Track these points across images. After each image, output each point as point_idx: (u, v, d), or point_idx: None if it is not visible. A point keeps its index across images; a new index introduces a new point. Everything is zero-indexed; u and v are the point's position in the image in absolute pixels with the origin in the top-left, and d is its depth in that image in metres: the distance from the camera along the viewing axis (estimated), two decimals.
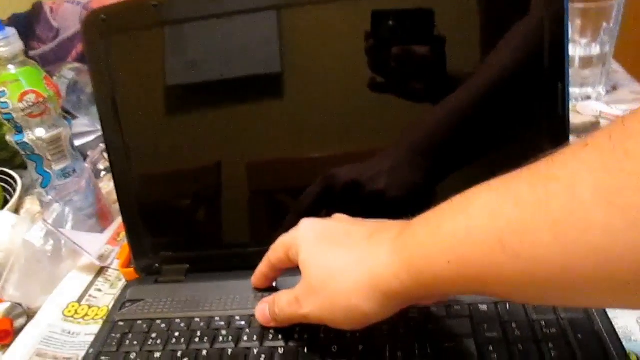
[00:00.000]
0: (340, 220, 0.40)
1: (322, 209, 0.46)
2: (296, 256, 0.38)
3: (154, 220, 0.51)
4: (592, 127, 0.66)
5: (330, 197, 0.47)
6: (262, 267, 0.43)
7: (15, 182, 0.70)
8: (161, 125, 0.49)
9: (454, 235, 0.28)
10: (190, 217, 0.52)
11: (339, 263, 0.34)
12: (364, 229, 0.36)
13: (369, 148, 0.46)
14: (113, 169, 0.50)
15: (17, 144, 0.55)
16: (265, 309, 0.41)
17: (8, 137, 0.56)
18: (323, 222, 0.39)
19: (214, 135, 0.49)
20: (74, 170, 0.59)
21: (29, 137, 0.55)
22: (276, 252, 0.41)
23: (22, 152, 0.57)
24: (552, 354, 0.36)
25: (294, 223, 0.40)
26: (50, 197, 0.57)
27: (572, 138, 0.52)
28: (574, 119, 0.68)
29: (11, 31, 0.53)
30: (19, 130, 0.55)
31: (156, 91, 0.49)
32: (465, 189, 0.30)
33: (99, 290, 0.54)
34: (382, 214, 0.39)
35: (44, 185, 0.58)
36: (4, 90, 0.52)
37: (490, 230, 0.26)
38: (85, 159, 0.67)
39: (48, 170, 0.57)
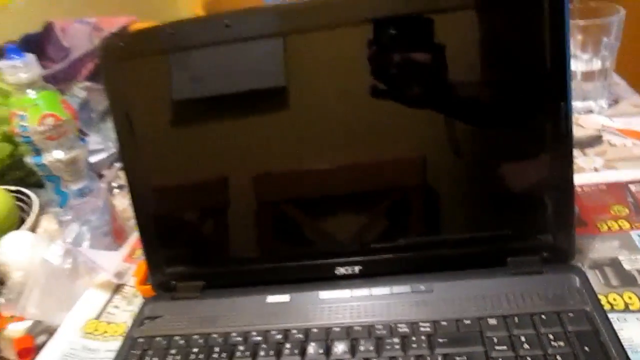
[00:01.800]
0: None
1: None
2: None
3: (170, 238, 0.52)
4: (595, 140, 0.67)
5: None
6: None
7: (31, 200, 0.71)
8: (174, 143, 0.51)
9: None
10: (204, 234, 0.53)
11: None
12: None
13: (374, 157, 0.48)
14: (130, 187, 0.51)
15: (36, 165, 0.57)
16: None
17: (27, 159, 0.58)
18: None
19: (225, 151, 0.50)
20: (90, 190, 0.60)
21: (47, 159, 0.57)
22: None
23: (40, 173, 0.58)
24: None
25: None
26: (68, 216, 0.59)
27: (575, 151, 0.53)
28: (577, 132, 0.69)
29: (30, 57, 0.55)
30: (38, 152, 0.57)
31: (169, 111, 0.50)
32: None
33: (116, 307, 0.56)
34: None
35: (61, 205, 0.59)
36: (24, 115, 0.54)
37: None
38: (99, 177, 0.68)
39: (65, 190, 0.59)
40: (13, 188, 0.73)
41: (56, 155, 0.57)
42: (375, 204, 0.49)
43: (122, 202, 0.74)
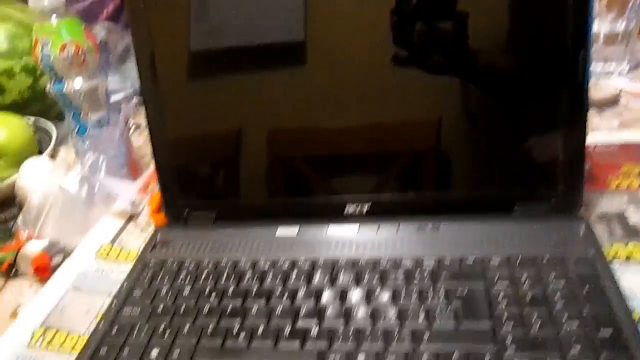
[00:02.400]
0: None
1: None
2: None
3: (185, 171, 0.53)
4: (612, 102, 0.67)
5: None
6: None
7: (50, 132, 0.73)
8: (193, 83, 0.52)
9: None
10: (218, 168, 0.54)
11: None
12: None
13: (389, 114, 0.48)
14: (149, 121, 0.52)
15: (57, 94, 0.58)
16: None
17: (48, 87, 0.59)
18: None
19: (242, 98, 0.51)
20: (108, 121, 0.61)
21: (67, 87, 0.58)
22: None
23: (61, 102, 0.59)
24: (559, 305, 0.38)
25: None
26: (86, 145, 0.60)
27: (591, 112, 0.53)
28: (596, 93, 0.69)
29: None
30: (59, 80, 0.58)
31: (189, 52, 0.51)
32: None
33: (130, 234, 0.57)
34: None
35: (80, 134, 0.61)
36: (46, 41, 0.55)
37: None
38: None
39: (84, 120, 0.60)
40: (32, 119, 0.75)
41: (76, 83, 0.57)
42: (389, 155, 0.50)
43: (138, 140, 0.75)
